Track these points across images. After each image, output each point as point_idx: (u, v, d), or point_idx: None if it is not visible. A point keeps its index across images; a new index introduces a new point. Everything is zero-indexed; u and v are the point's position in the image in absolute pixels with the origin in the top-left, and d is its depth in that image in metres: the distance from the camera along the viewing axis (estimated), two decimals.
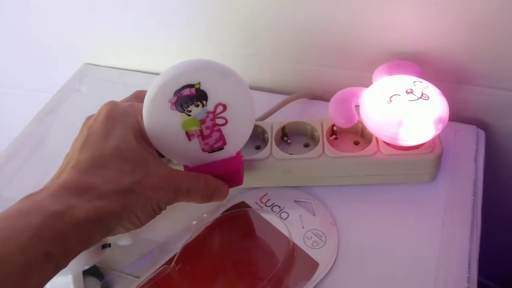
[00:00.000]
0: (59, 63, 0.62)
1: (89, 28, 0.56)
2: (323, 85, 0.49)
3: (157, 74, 0.55)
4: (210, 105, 0.31)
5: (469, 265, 0.36)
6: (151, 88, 0.30)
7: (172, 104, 0.30)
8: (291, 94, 0.49)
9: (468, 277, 0.35)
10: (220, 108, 0.31)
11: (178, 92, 0.29)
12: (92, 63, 0.60)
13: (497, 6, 0.37)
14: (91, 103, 0.54)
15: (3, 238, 0.24)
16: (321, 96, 0.50)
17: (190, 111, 0.31)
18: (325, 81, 0.49)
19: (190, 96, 0.30)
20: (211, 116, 0.31)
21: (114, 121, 0.31)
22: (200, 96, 0.30)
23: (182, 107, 0.30)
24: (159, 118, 0.31)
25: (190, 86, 0.29)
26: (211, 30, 0.50)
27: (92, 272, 0.39)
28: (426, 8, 0.40)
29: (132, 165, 0.29)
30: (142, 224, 0.31)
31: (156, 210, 0.31)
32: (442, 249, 0.37)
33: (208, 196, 0.34)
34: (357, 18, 0.43)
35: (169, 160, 0.41)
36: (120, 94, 0.56)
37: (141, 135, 0.31)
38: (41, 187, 0.46)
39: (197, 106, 0.30)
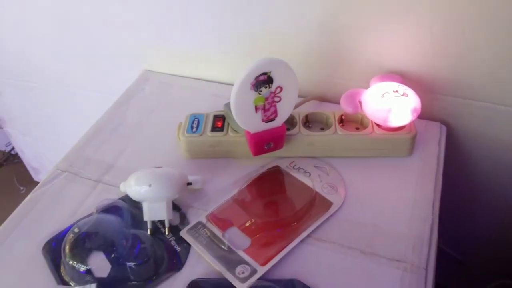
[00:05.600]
0: (121, 70, 0.79)
1: (149, 41, 0.73)
2: (331, 91, 0.67)
3: (206, 80, 0.75)
4: (273, 87, 0.49)
5: (433, 205, 0.53)
6: (241, 74, 0.47)
7: (252, 85, 0.47)
8: (304, 97, 0.68)
9: (432, 212, 0.53)
10: (278, 90, 0.49)
11: (257, 77, 0.47)
12: (150, 70, 0.78)
13: (452, 40, 0.57)
14: (154, 98, 0.72)
15: None
16: (329, 99, 0.68)
17: (261, 91, 0.48)
18: (332, 88, 0.67)
19: (263, 80, 0.47)
20: (272, 95, 0.49)
21: None
22: (269, 80, 0.48)
23: (257, 88, 0.48)
24: (242, 95, 0.48)
25: (264, 74, 0.47)
26: (246, 47, 0.67)
27: (173, 207, 0.54)
28: (406, 40, 0.59)
29: None
30: None
31: None
32: (415, 197, 0.54)
33: None
34: (358, 45, 0.62)
35: (227, 133, 0.58)
36: (178, 93, 0.73)
37: None
38: (122, 155, 0.63)
39: (266, 88, 0.48)
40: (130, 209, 0.52)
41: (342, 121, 0.61)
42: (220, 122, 0.59)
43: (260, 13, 0.63)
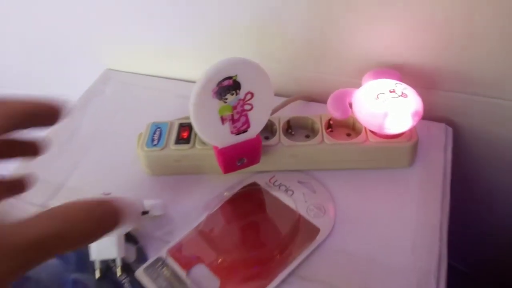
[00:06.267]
0: (81, 69, 0.70)
1: (111, 35, 0.64)
2: (318, 89, 0.58)
3: (174, 79, 0.65)
4: (242, 93, 0.39)
5: (440, 230, 0.44)
6: (200, 79, 0.38)
7: (214, 93, 0.38)
8: (290, 97, 0.58)
9: (439, 238, 0.44)
10: (248, 96, 0.40)
11: (220, 82, 0.37)
12: (113, 69, 0.68)
13: (459, 27, 0.47)
14: (115, 102, 0.63)
15: None
16: (316, 98, 0.59)
17: (226, 98, 0.39)
18: (320, 85, 0.58)
19: (228, 86, 0.38)
20: (241, 103, 0.40)
21: None
22: (235, 86, 0.38)
23: (221, 95, 0.38)
24: (203, 105, 0.39)
25: (229, 78, 0.38)
26: (224, 41, 0.58)
27: (128, 238, 0.46)
28: (405, 28, 0.49)
29: None
30: None
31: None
32: (418, 219, 0.45)
33: (94, 229, 0.25)
34: (349, 34, 0.52)
35: (193, 145, 0.49)
36: (142, 94, 0.64)
37: None
38: (76, 170, 0.54)
39: (232, 94, 0.39)
40: None
41: (330, 126, 0.51)
42: (186, 132, 0.50)
43: (233, 3, 0.53)
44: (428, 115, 0.54)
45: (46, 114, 0.32)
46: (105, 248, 0.43)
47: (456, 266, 0.71)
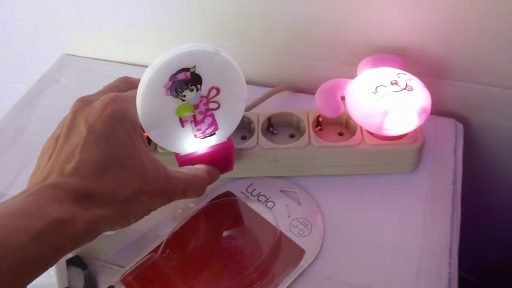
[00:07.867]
0: (37, 54, 0.61)
1: (69, 17, 0.55)
2: (307, 78, 0.50)
3: (138, 65, 0.56)
4: (204, 89, 0.31)
5: (450, 251, 0.37)
6: (146, 73, 0.29)
7: (167, 89, 0.30)
8: (274, 87, 0.50)
9: (449, 263, 0.36)
10: (213, 92, 0.31)
11: (173, 76, 0.29)
12: (71, 54, 0.59)
13: (477, 3, 0.39)
14: (71, 94, 0.54)
15: (6, 236, 0.24)
16: (305, 89, 0.51)
17: (184, 96, 0.31)
18: (309, 73, 0.50)
19: (185, 80, 0.30)
20: (204, 100, 0.32)
21: (117, 121, 0.30)
22: (195, 80, 0.30)
23: (176, 92, 0.30)
24: (153, 105, 0.30)
25: (186, 70, 0.29)
26: (196, 21, 0.50)
27: (75, 261, 0.38)
28: (409, 4, 0.41)
29: (131, 173, 0.29)
30: (130, 224, 0.31)
31: (146, 213, 0.31)
32: (424, 236, 0.38)
33: (203, 189, 0.34)
34: (342, 12, 0.44)
35: (155, 149, 0.41)
36: (101, 85, 0.55)
37: (140, 134, 0.31)
38: (20, 177, 0.45)
39: (192, 90, 0.30)
40: None
41: (319, 123, 0.43)
42: None
43: None
44: (435, 109, 0.45)
45: None
46: (42, 278, 0.35)
47: (462, 276, 0.63)
